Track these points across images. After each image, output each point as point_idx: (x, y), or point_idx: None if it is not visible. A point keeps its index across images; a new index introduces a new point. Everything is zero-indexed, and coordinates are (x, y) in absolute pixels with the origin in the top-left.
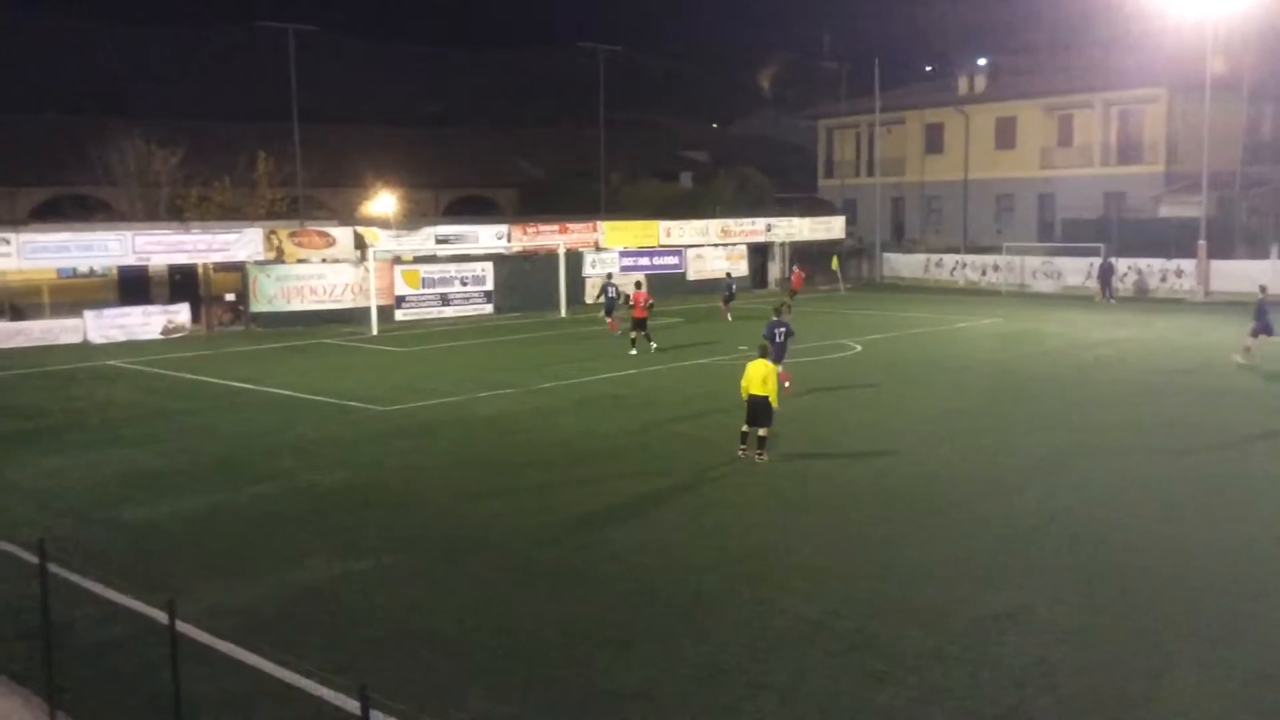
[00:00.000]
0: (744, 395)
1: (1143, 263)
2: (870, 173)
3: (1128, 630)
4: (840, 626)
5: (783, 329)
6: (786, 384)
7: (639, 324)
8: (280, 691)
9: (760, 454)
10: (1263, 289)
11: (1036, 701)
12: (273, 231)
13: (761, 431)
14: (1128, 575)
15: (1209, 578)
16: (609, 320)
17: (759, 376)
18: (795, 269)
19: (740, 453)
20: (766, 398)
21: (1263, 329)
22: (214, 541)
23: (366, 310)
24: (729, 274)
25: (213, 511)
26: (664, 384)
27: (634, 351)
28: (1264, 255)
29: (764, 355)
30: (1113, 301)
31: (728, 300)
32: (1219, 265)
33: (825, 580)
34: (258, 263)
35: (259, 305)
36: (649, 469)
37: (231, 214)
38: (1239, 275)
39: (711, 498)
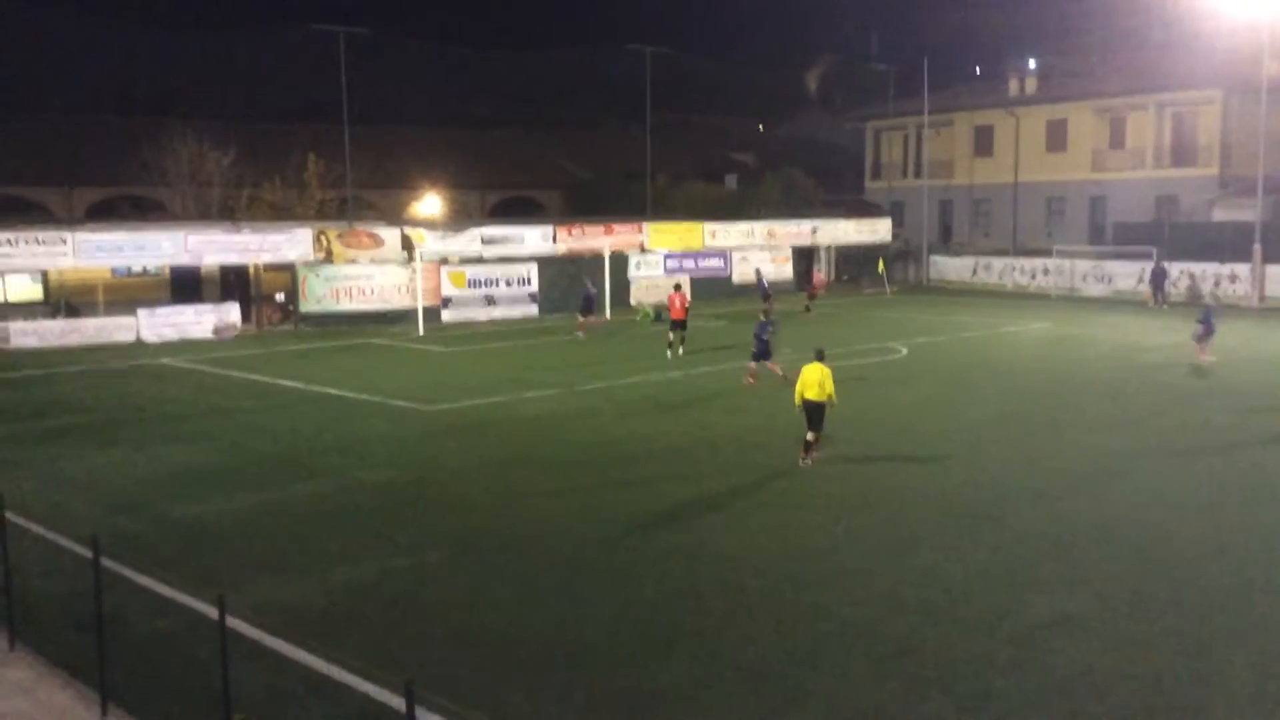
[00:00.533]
0: (798, 400)
1: (1196, 267)
2: (918, 175)
3: (1178, 638)
4: (886, 632)
5: (770, 328)
6: (751, 380)
7: (677, 325)
8: (327, 687)
9: (805, 457)
10: (1215, 299)
11: (1086, 710)
12: (322, 232)
13: (810, 435)
14: (1177, 582)
15: (1260, 585)
16: (582, 320)
17: (814, 381)
18: (816, 273)
19: (808, 461)
20: (823, 402)
21: (1204, 333)
22: (263, 538)
23: (413, 311)
24: (759, 270)
25: (262, 508)
26: (707, 386)
27: (677, 352)
28: None
29: (820, 359)
30: (1164, 307)
31: (767, 298)
32: (1275, 270)
33: (871, 585)
34: (307, 263)
35: (308, 305)
36: (693, 470)
37: (282, 214)
38: None
39: (755, 500)
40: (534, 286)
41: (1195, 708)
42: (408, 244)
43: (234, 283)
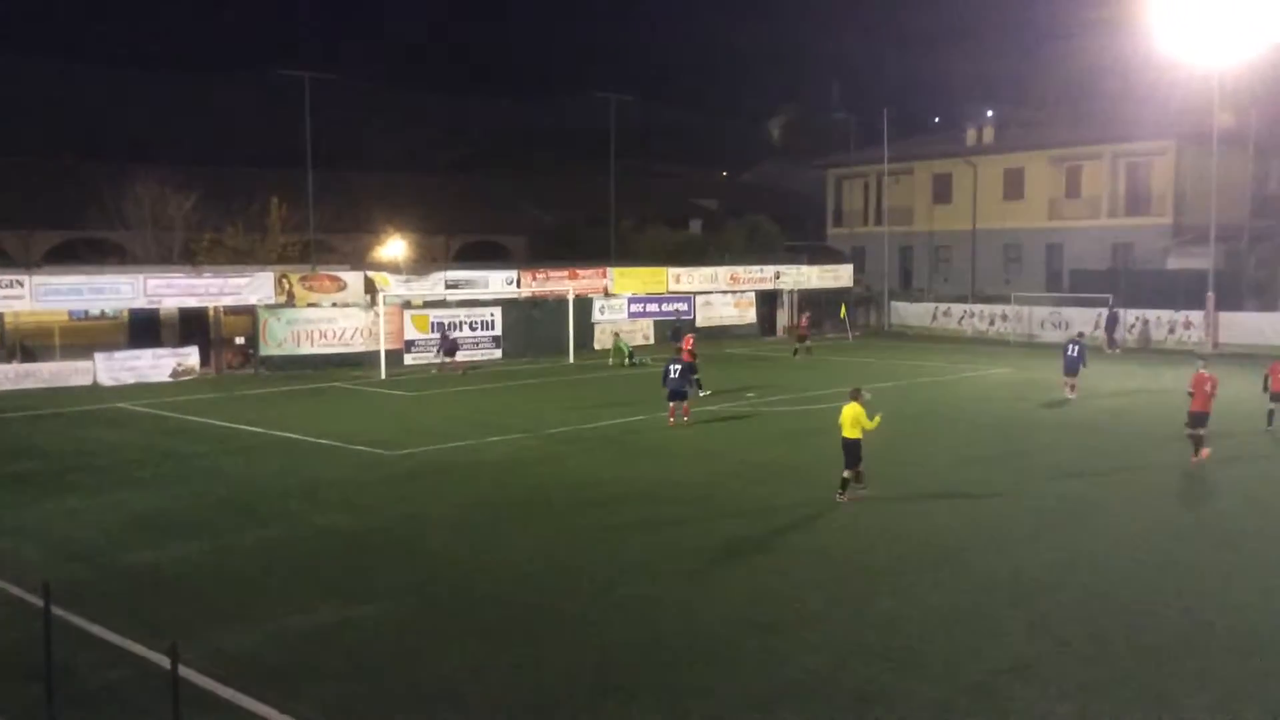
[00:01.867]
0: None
1: (1151, 314)
2: (879, 222)
3: (1136, 684)
4: (848, 678)
5: (678, 366)
6: (685, 418)
7: (689, 369)
8: None
9: (841, 495)
10: (1080, 334)
11: None
12: (284, 275)
13: (845, 472)
14: (1135, 626)
15: (1216, 629)
16: (449, 360)
17: (848, 420)
18: (804, 316)
19: (851, 496)
20: (857, 440)
21: (1067, 369)
22: (219, 585)
23: (376, 354)
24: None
25: (219, 555)
26: (672, 430)
27: (696, 393)
28: (1272, 307)
29: (856, 397)
30: (1118, 351)
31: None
32: (1227, 317)
33: (831, 631)
34: (268, 306)
35: (269, 348)
36: (656, 516)
37: (244, 258)
38: (1248, 327)
39: (719, 545)
40: (498, 330)
41: None
42: (370, 287)
43: (193, 326)
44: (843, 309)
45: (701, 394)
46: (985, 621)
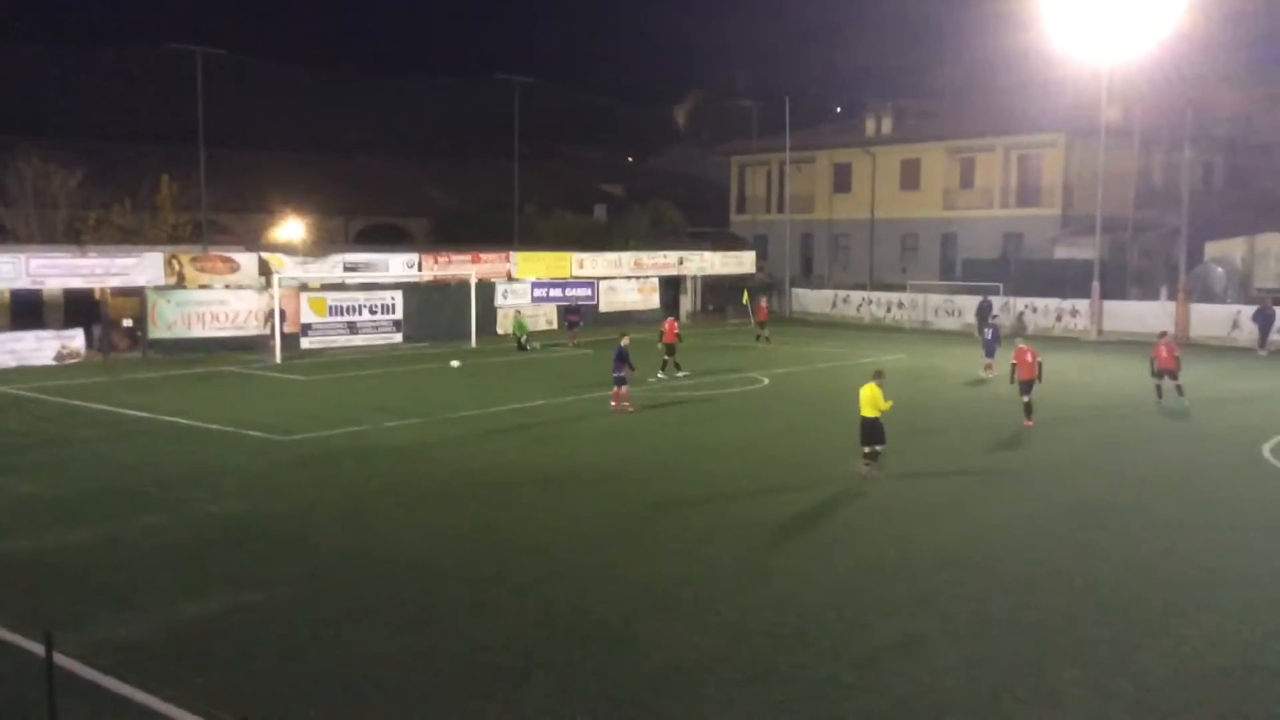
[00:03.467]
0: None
1: (1039, 302)
2: (781, 209)
3: (1015, 657)
4: (738, 658)
5: (616, 352)
6: (628, 405)
7: (670, 349)
8: None
9: (868, 468)
10: (995, 317)
11: None
12: (174, 256)
13: (866, 449)
14: (1016, 603)
15: (1089, 604)
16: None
17: (866, 399)
18: (762, 302)
19: (864, 470)
20: (876, 418)
21: (985, 350)
22: (103, 574)
23: (270, 338)
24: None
25: (103, 543)
26: (571, 415)
27: (661, 375)
28: (1154, 296)
29: (876, 379)
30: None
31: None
32: (1111, 306)
33: (725, 612)
34: (158, 288)
35: (158, 331)
36: (554, 500)
37: (132, 238)
38: (1130, 315)
39: (615, 530)
40: (398, 314)
41: None
42: (265, 269)
43: (79, 308)
44: (745, 295)
45: (679, 375)
46: (873, 600)
